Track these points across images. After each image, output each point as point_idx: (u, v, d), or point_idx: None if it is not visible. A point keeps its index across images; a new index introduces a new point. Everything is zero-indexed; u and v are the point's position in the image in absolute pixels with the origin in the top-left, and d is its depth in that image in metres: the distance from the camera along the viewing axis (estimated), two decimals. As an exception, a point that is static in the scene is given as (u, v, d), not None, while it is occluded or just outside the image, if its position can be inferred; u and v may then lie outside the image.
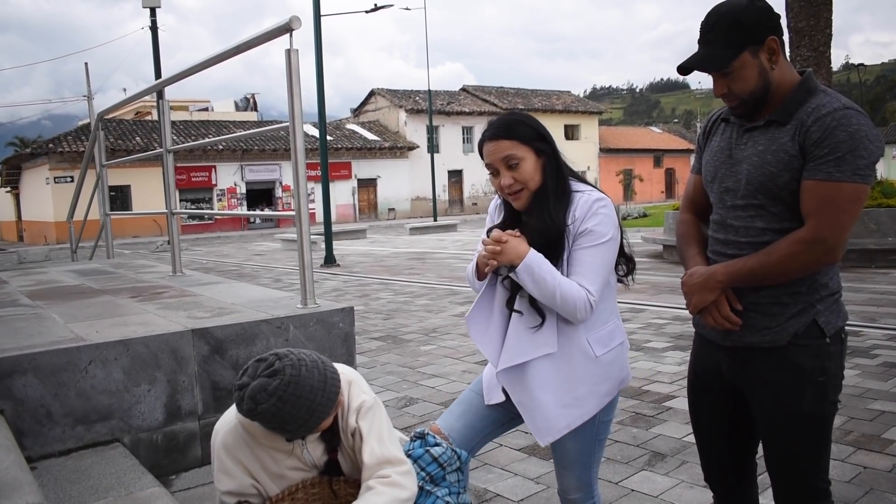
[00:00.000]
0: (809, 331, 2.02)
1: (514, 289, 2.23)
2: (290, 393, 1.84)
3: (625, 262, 2.31)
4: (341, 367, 2.16)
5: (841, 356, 2.07)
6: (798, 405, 2.04)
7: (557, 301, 2.12)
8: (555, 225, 2.15)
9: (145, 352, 2.90)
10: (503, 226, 2.34)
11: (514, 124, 2.19)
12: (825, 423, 2.06)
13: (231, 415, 2.08)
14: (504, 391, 2.32)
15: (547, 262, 2.13)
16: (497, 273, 2.24)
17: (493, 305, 2.32)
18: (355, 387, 2.10)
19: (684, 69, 2.02)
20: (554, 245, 2.16)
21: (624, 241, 2.28)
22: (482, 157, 2.24)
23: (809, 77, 2.02)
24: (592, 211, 2.15)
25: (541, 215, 2.18)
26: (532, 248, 2.14)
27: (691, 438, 2.47)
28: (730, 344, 2.13)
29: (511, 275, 2.16)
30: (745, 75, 1.97)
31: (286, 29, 3.22)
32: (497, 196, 2.39)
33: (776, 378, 2.06)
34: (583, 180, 2.28)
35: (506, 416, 2.39)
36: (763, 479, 2.24)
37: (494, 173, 2.22)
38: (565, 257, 2.18)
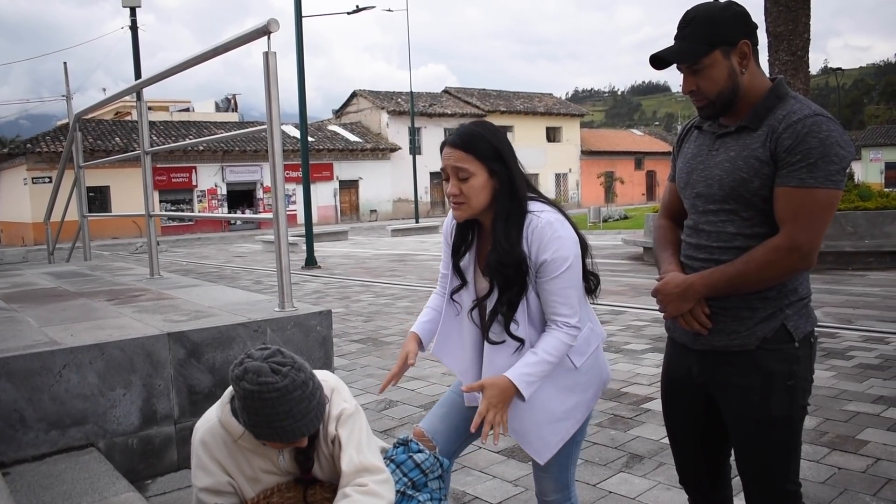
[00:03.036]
0: (778, 335, 2.04)
1: (486, 321, 2.23)
2: (269, 397, 1.84)
3: (589, 279, 2.30)
4: (325, 374, 2.16)
5: (810, 360, 2.09)
6: (766, 409, 2.06)
7: (559, 359, 2.16)
8: (513, 250, 2.12)
9: (121, 356, 2.88)
10: (459, 242, 2.33)
11: (476, 138, 2.13)
12: (794, 427, 2.08)
13: (212, 413, 2.08)
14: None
15: (524, 363, 2.13)
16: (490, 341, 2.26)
17: (463, 334, 2.33)
18: (337, 395, 2.10)
19: (656, 59, 2.04)
20: (516, 274, 2.13)
21: (587, 258, 2.25)
22: (441, 157, 2.21)
23: (780, 83, 2.05)
24: (546, 240, 2.11)
25: (496, 246, 2.15)
26: (506, 376, 2.11)
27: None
28: (700, 347, 2.15)
29: (524, 401, 2.15)
30: (714, 74, 2.00)
31: (264, 31, 3.21)
32: (449, 215, 2.36)
33: (745, 382, 2.07)
34: (538, 195, 2.24)
35: None
36: (737, 480, 2.26)
37: (446, 178, 2.19)
38: (530, 289, 2.16)
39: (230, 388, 2.02)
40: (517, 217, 2.15)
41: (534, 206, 2.18)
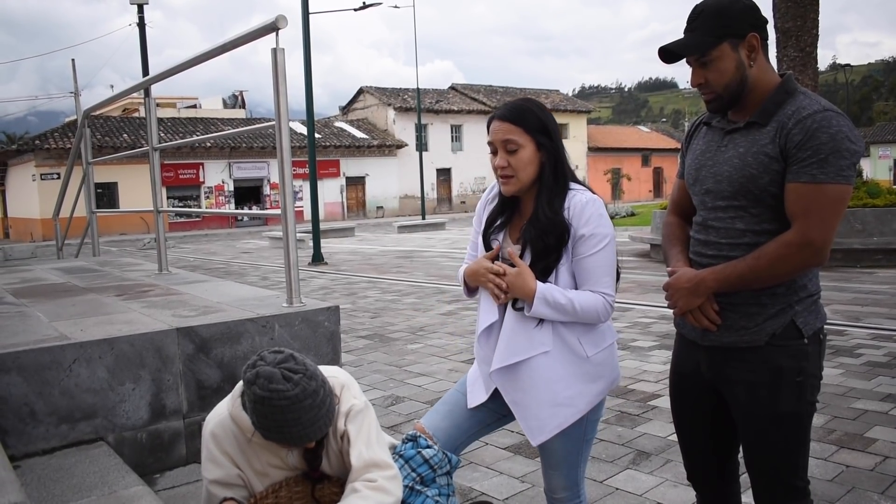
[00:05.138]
0: (787, 331, 2.03)
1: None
2: (279, 405, 1.84)
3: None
4: (336, 371, 2.16)
5: (819, 357, 2.09)
6: (775, 405, 2.06)
7: (579, 316, 2.17)
8: (556, 218, 2.16)
9: (130, 350, 2.90)
10: (494, 216, 2.34)
11: (525, 112, 2.19)
12: (803, 423, 2.08)
13: (223, 407, 2.09)
14: (487, 392, 2.34)
15: (555, 287, 2.16)
16: (514, 307, 2.24)
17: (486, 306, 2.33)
18: (347, 391, 2.11)
19: (665, 51, 2.04)
20: (557, 243, 2.17)
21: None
22: (489, 133, 2.26)
23: (789, 79, 2.04)
24: (588, 215, 2.16)
25: (538, 215, 2.18)
26: (538, 281, 2.15)
27: (676, 437, 2.49)
28: (709, 344, 2.15)
29: (526, 312, 2.17)
30: (723, 67, 2.00)
31: (272, 28, 3.22)
32: (487, 191, 2.40)
33: (754, 378, 2.07)
34: (580, 182, 2.29)
35: (492, 417, 2.40)
36: (745, 477, 2.26)
37: (494, 152, 2.24)
38: (563, 261, 2.19)
39: (241, 383, 2.03)
40: (561, 191, 2.20)
41: (575, 185, 2.23)
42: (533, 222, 2.20)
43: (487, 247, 2.34)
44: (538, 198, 2.21)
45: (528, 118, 2.19)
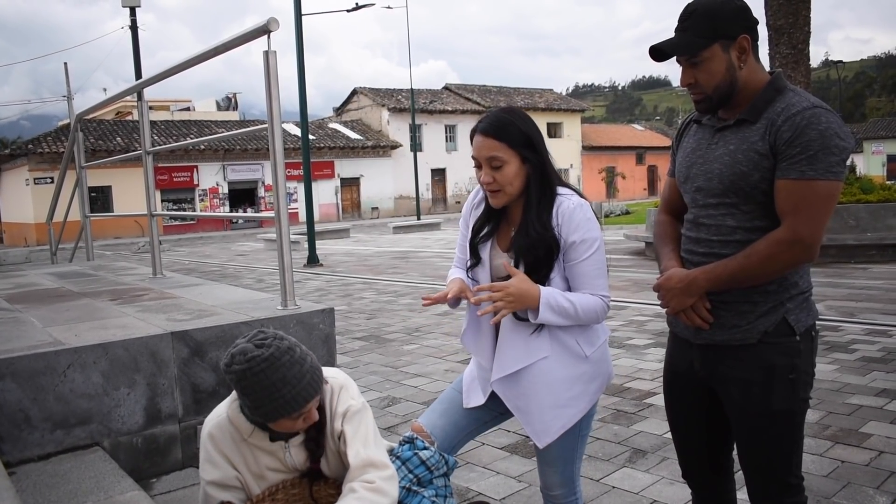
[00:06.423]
0: (779, 329, 2.04)
1: None
2: (260, 369, 1.87)
3: None
4: (334, 372, 2.18)
5: (811, 354, 2.09)
6: (768, 402, 2.06)
7: (581, 319, 2.18)
8: (545, 234, 2.16)
9: (124, 355, 2.89)
10: (482, 223, 2.34)
11: (507, 126, 2.16)
12: (796, 420, 2.09)
13: (222, 409, 2.11)
14: (485, 395, 2.35)
15: (557, 291, 2.16)
16: (517, 317, 2.22)
17: (481, 317, 2.34)
18: (345, 392, 2.12)
19: (656, 50, 2.04)
20: (546, 256, 2.17)
21: None
22: (472, 145, 2.24)
23: (778, 77, 2.05)
24: (577, 221, 2.16)
25: (528, 230, 2.18)
26: (539, 286, 2.14)
27: (671, 435, 2.49)
28: (702, 342, 2.16)
29: (532, 320, 2.16)
30: (713, 68, 2.00)
31: (264, 30, 3.22)
32: (472, 195, 2.41)
33: (747, 376, 2.08)
34: (567, 185, 2.28)
35: (489, 415, 2.41)
36: (740, 474, 2.26)
37: (478, 166, 2.22)
38: (556, 271, 2.19)
39: None
40: (548, 201, 2.19)
41: (562, 190, 2.23)
42: (522, 236, 2.19)
43: (475, 255, 2.34)
44: (526, 212, 2.20)
45: (511, 133, 2.16)
